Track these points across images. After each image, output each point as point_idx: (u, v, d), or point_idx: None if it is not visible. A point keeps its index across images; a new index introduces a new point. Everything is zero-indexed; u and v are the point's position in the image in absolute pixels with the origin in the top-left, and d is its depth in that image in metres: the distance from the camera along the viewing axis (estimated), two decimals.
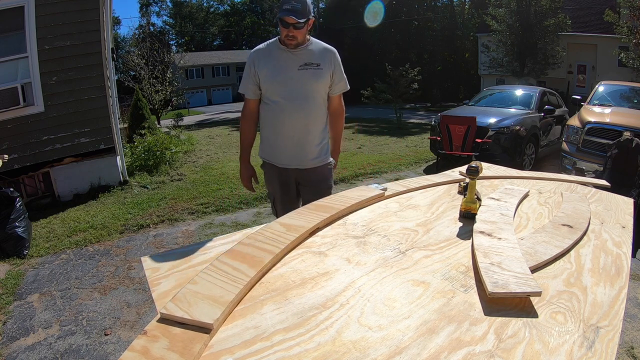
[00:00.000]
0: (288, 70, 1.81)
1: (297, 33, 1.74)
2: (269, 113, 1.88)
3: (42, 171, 4.59)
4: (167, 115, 14.81)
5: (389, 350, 0.70)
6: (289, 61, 1.82)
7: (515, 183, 1.74)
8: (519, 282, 0.86)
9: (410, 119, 14.02)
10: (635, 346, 2.07)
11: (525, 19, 14.71)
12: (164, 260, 1.04)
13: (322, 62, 1.84)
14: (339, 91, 1.96)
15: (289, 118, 1.83)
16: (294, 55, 1.82)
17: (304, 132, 1.87)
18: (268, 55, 1.84)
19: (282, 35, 1.77)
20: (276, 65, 1.81)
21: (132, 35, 24.45)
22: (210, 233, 3.72)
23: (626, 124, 4.79)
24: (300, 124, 1.85)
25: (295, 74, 1.81)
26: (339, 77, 1.92)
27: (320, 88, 1.86)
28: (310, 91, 1.83)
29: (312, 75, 1.82)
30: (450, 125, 5.85)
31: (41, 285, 2.82)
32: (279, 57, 1.82)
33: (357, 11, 25.24)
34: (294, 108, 1.81)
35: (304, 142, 1.89)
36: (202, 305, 0.79)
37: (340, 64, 1.91)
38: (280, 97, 1.82)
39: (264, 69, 1.82)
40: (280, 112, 1.83)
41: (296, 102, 1.81)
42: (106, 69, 4.82)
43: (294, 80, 1.81)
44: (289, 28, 1.72)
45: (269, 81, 1.82)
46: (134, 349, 0.68)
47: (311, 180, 1.96)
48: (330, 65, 1.87)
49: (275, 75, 1.80)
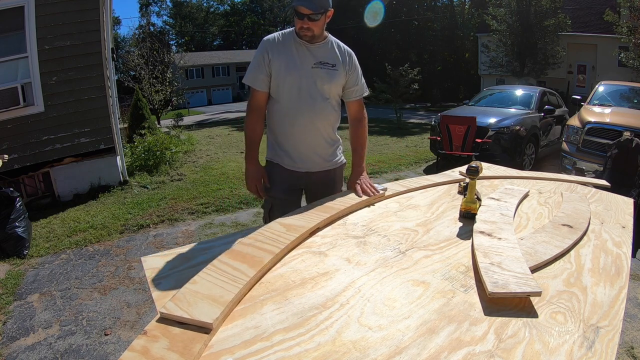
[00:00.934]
0: (302, 67, 1.67)
1: (312, 25, 1.60)
2: (278, 111, 1.73)
3: (42, 171, 4.59)
4: (167, 115, 14.81)
5: (389, 350, 0.70)
6: (303, 57, 1.68)
7: (515, 183, 1.74)
8: (519, 282, 0.86)
9: (410, 119, 14.02)
10: (635, 346, 2.07)
11: (525, 19, 14.71)
12: (164, 260, 1.04)
13: (337, 64, 1.72)
14: (357, 96, 1.82)
15: (300, 118, 1.69)
16: (309, 51, 1.68)
17: (315, 133, 1.74)
18: (282, 47, 1.67)
19: (296, 27, 1.63)
20: (290, 60, 1.66)
21: (132, 35, 24.44)
22: (210, 233, 3.72)
23: (626, 124, 4.79)
24: (311, 125, 1.71)
25: (309, 72, 1.67)
26: (354, 81, 1.79)
27: (332, 90, 1.73)
28: (322, 92, 1.70)
29: (325, 75, 1.69)
30: (450, 125, 5.85)
31: (41, 285, 2.82)
32: (294, 51, 1.67)
33: (357, 11, 25.23)
34: (305, 107, 1.68)
35: (315, 143, 1.76)
36: (201, 304, 0.79)
37: (357, 67, 1.80)
38: (291, 94, 1.68)
39: (277, 61, 1.65)
40: (290, 111, 1.69)
41: (308, 101, 1.68)
42: (106, 69, 4.82)
43: (306, 79, 1.67)
44: (304, 19, 1.58)
45: (282, 76, 1.66)
46: (134, 349, 0.68)
47: (320, 184, 1.82)
48: (346, 67, 1.75)
49: (288, 71, 1.65)
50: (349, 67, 1.76)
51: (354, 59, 1.79)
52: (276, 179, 1.81)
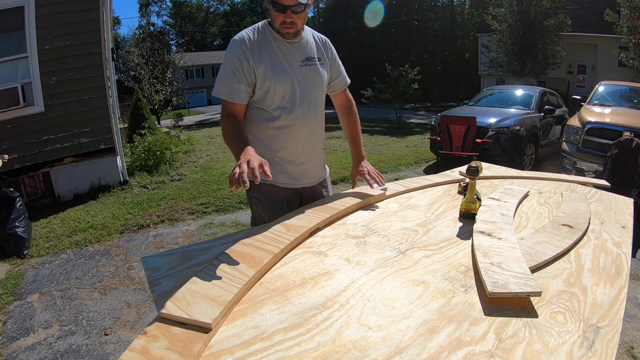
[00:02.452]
0: (290, 67, 1.41)
1: (297, 18, 1.34)
2: (267, 123, 1.44)
3: (42, 171, 4.59)
4: (167, 115, 14.82)
5: (389, 350, 0.70)
6: (288, 55, 1.42)
7: (515, 183, 1.74)
8: (519, 282, 0.86)
9: (410, 119, 14.02)
10: (635, 346, 2.07)
11: (525, 19, 14.71)
12: (164, 260, 1.04)
13: (322, 56, 1.51)
14: (343, 86, 1.63)
15: (297, 128, 1.44)
16: (293, 48, 1.43)
17: (313, 143, 1.52)
18: (261, 48, 1.38)
19: (275, 22, 1.36)
20: (275, 60, 1.39)
21: (132, 35, 24.43)
22: (210, 233, 3.72)
23: (626, 124, 4.79)
24: (308, 134, 1.49)
25: (299, 72, 1.42)
26: (337, 71, 1.58)
27: (324, 88, 1.55)
28: (317, 93, 1.49)
29: (315, 74, 1.47)
30: (450, 125, 5.85)
31: (41, 285, 2.82)
32: (276, 50, 1.40)
33: (357, 11, 25.26)
34: (301, 115, 1.44)
35: (312, 155, 1.53)
36: (200, 304, 0.79)
37: (336, 54, 1.59)
38: (283, 102, 1.42)
39: (261, 65, 1.37)
40: (283, 121, 1.43)
41: (302, 107, 1.44)
42: (106, 69, 4.82)
43: (299, 80, 1.42)
44: (286, 12, 1.31)
45: (269, 81, 1.38)
46: (134, 349, 0.68)
47: (314, 195, 1.61)
48: (329, 57, 1.54)
49: (276, 74, 1.38)
50: (331, 57, 1.56)
51: (332, 46, 1.58)
52: (265, 200, 1.51)
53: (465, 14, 27.97)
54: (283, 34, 1.39)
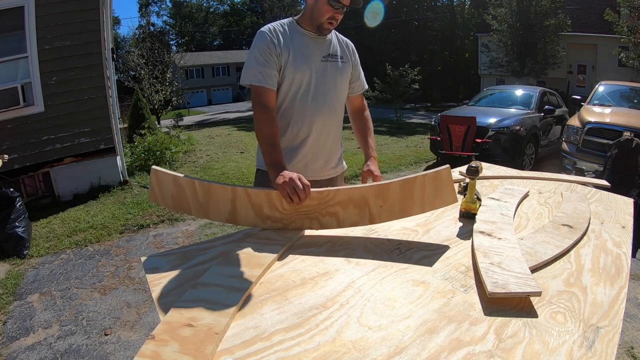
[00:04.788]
0: (312, 60, 1.46)
1: (340, 17, 1.44)
2: (282, 115, 1.48)
3: (42, 171, 4.59)
4: (167, 115, 14.80)
5: (389, 350, 0.70)
6: (312, 49, 1.47)
7: (515, 183, 1.74)
8: (519, 282, 0.86)
9: (410, 119, 14.03)
10: (635, 346, 2.07)
11: (525, 19, 14.71)
12: (164, 260, 1.04)
13: (344, 56, 1.57)
14: (361, 89, 1.69)
15: (312, 121, 1.49)
16: (317, 43, 1.49)
17: (327, 135, 1.55)
18: (286, 38, 1.44)
19: (322, 16, 1.41)
20: (298, 51, 1.44)
21: (132, 35, 24.45)
22: (210, 233, 3.72)
23: (626, 124, 4.79)
24: (324, 129, 1.53)
25: (319, 66, 1.48)
26: (358, 74, 1.65)
27: (344, 85, 1.59)
28: (335, 87, 1.53)
29: (336, 69, 1.52)
30: (450, 125, 5.85)
31: (41, 285, 2.82)
32: (301, 42, 1.46)
33: (357, 11, 25.23)
34: (319, 109, 1.49)
35: (325, 148, 1.57)
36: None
37: (358, 59, 1.67)
38: (302, 92, 1.46)
39: (285, 53, 1.41)
40: (299, 114, 1.48)
41: (319, 99, 1.48)
42: (106, 69, 4.82)
43: (318, 73, 1.47)
44: (341, 9, 1.40)
45: (291, 70, 1.42)
46: (144, 355, 0.66)
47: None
48: (351, 59, 1.61)
49: (299, 64, 1.43)
50: (353, 59, 1.62)
51: (355, 50, 1.66)
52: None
53: (465, 14, 27.97)
54: (324, 28, 1.44)
